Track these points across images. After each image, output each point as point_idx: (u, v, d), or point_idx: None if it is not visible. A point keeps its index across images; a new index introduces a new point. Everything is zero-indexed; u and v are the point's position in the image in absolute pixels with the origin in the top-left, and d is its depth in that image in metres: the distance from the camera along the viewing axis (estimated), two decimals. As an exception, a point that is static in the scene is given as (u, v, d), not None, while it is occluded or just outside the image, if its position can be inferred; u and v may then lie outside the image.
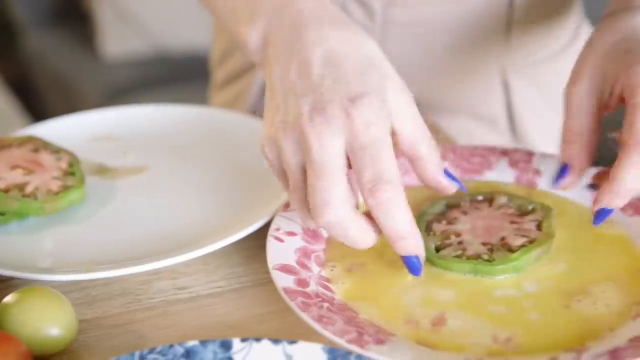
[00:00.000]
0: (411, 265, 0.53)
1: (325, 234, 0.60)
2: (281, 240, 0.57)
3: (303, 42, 0.52)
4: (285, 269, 0.55)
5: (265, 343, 0.48)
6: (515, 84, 0.83)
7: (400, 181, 0.50)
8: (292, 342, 0.48)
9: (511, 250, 0.56)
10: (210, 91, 0.96)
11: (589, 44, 0.59)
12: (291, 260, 0.56)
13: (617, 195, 0.54)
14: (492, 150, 0.69)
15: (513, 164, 0.67)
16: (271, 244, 0.57)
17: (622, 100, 0.56)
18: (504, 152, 0.68)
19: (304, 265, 0.56)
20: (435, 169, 0.54)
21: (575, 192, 0.63)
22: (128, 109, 0.78)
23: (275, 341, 0.48)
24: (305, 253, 0.57)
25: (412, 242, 0.52)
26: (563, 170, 0.59)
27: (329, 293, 0.54)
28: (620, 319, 0.51)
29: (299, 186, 0.52)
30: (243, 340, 0.48)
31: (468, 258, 0.55)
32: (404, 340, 0.50)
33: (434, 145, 0.53)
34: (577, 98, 0.58)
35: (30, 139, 0.68)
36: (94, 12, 1.96)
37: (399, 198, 0.50)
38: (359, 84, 0.50)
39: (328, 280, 0.56)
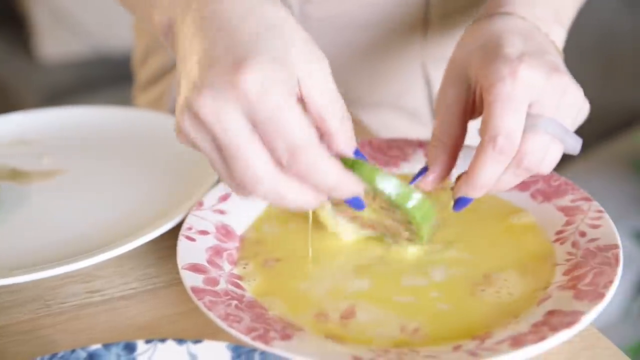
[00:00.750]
0: (353, 203, 0.52)
1: (238, 231, 0.60)
2: (193, 240, 0.57)
3: (201, 6, 0.49)
4: (195, 268, 0.54)
5: (170, 344, 0.48)
6: (435, 76, 0.83)
7: (316, 136, 0.47)
8: (197, 341, 0.48)
9: None
10: (134, 92, 0.95)
11: (456, 49, 0.59)
12: (202, 259, 0.56)
13: (473, 187, 0.54)
14: (409, 142, 0.69)
15: (428, 155, 0.68)
16: (182, 243, 0.56)
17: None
18: (421, 144, 0.69)
19: (214, 264, 0.56)
20: (343, 146, 0.51)
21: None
22: (45, 111, 0.77)
23: (180, 341, 0.48)
24: (217, 251, 0.57)
25: (347, 188, 0.49)
26: (421, 172, 0.59)
27: (239, 291, 0.54)
28: (524, 305, 0.52)
29: (220, 164, 0.48)
30: (147, 341, 0.48)
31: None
32: (311, 334, 0.50)
33: (345, 120, 0.50)
34: (443, 103, 0.58)
35: (-61, 146, 0.66)
36: (29, 14, 1.93)
37: (320, 156, 0.47)
38: (247, 48, 0.46)
39: (239, 277, 0.56)
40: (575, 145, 0.56)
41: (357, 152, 0.52)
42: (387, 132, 0.84)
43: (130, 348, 0.47)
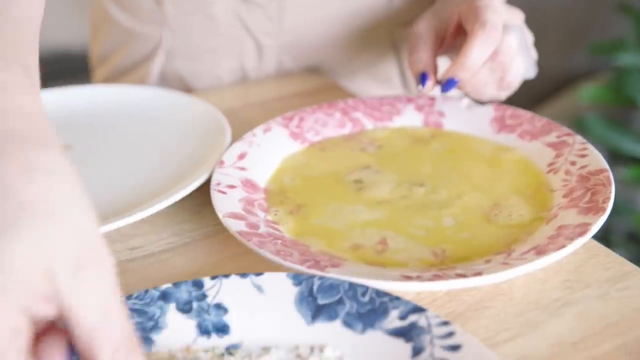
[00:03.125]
0: None
1: (261, 184, 0.64)
2: (224, 193, 0.61)
3: None
4: (235, 215, 0.59)
5: (234, 278, 0.52)
6: (402, 43, 0.90)
7: None
8: (259, 274, 0.52)
9: None
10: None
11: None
12: (238, 208, 0.60)
13: (464, 68, 0.65)
14: (399, 98, 0.75)
15: (419, 108, 0.74)
16: (216, 196, 0.60)
17: (454, 35, 0.70)
18: (410, 99, 0.75)
19: (250, 212, 0.60)
20: None
21: (478, 129, 0.70)
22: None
23: (243, 275, 0.52)
24: (248, 202, 0.61)
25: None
26: (423, 78, 0.69)
27: (278, 233, 0.58)
28: (535, 225, 0.59)
29: None
30: (212, 278, 0.52)
31: None
32: (355, 262, 0.55)
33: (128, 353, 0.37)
34: (417, 32, 0.70)
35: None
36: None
37: None
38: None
39: (275, 222, 0.60)
40: (532, 65, 0.68)
41: None
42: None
43: (198, 285, 0.51)
